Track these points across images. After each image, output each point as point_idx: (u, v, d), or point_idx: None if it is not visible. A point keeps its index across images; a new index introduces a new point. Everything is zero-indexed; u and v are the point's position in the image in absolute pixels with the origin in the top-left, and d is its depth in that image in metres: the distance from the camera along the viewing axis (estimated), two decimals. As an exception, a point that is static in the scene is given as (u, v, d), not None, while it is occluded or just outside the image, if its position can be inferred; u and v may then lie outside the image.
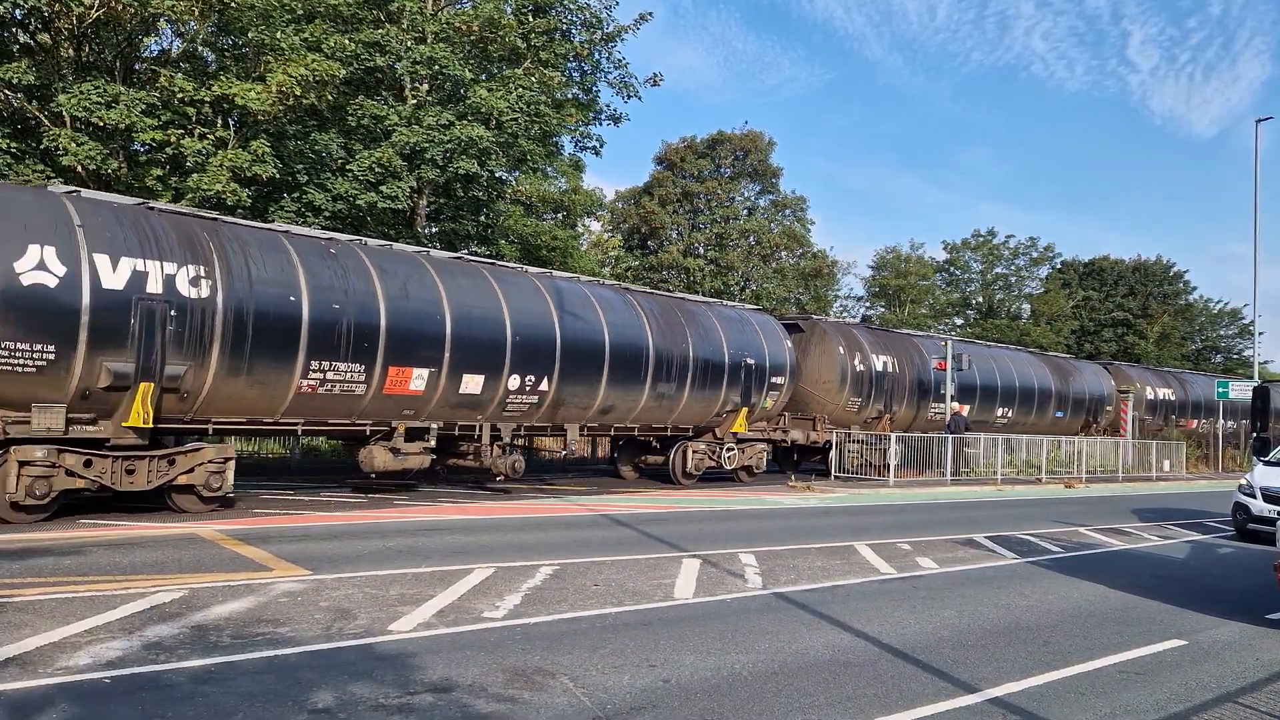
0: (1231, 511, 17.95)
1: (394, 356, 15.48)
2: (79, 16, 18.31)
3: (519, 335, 17.34)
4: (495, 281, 17.73)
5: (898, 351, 27.67)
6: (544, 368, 17.84)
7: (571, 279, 20.88)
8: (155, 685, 5.91)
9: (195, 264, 13.43)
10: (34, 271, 11.97)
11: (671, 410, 20.97)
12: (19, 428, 12.06)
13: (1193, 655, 8.23)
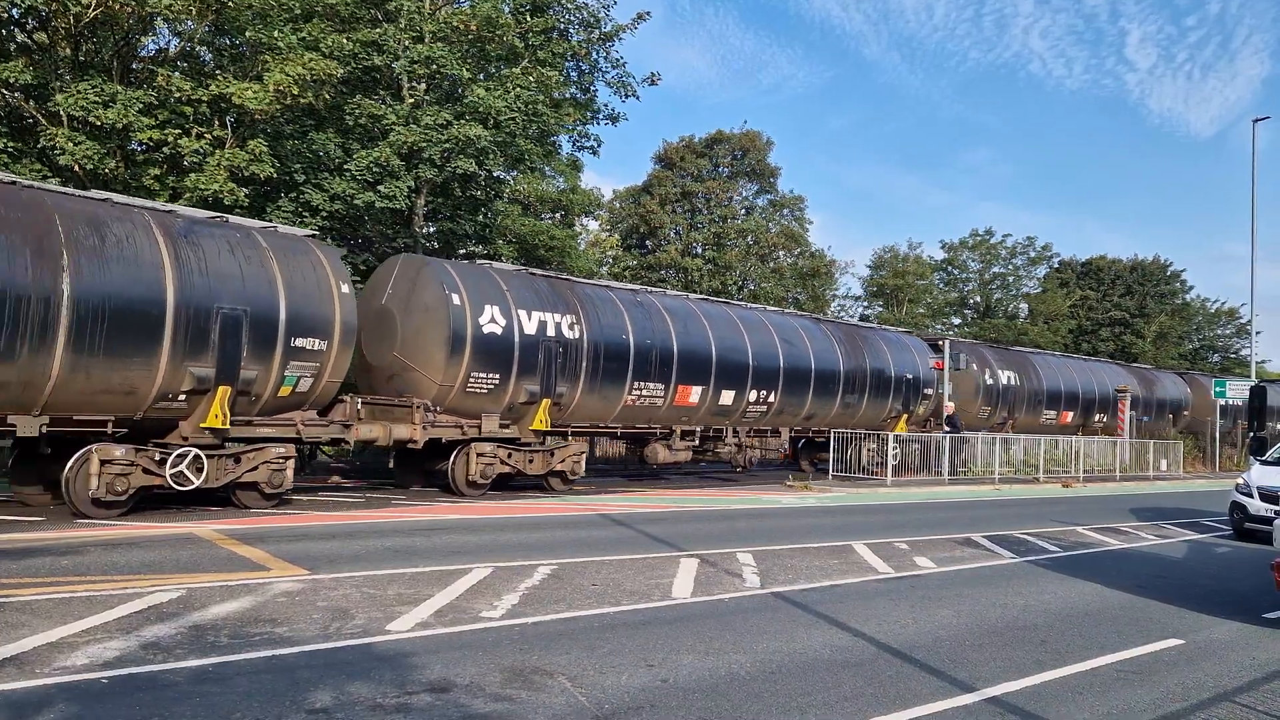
0: (1229, 511, 17.98)
1: (682, 378, 21.05)
2: (76, 16, 18.28)
3: (756, 360, 22.79)
4: (738, 319, 23.51)
5: (1016, 366, 33.01)
6: (770, 384, 23.24)
7: (786, 314, 27.23)
8: (153, 685, 5.91)
9: (570, 314, 19.14)
10: (489, 323, 17.64)
11: (853, 416, 26.01)
12: (473, 430, 17.83)
13: (1190, 654, 8.24)
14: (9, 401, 12.06)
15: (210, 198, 19.26)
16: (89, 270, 12.36)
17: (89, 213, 12.89)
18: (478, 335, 17.36)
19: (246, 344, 13.92)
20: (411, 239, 25.25)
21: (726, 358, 22.03)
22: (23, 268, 11.78)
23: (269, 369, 14.28)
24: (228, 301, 13.73)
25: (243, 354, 13.90)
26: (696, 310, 22.48)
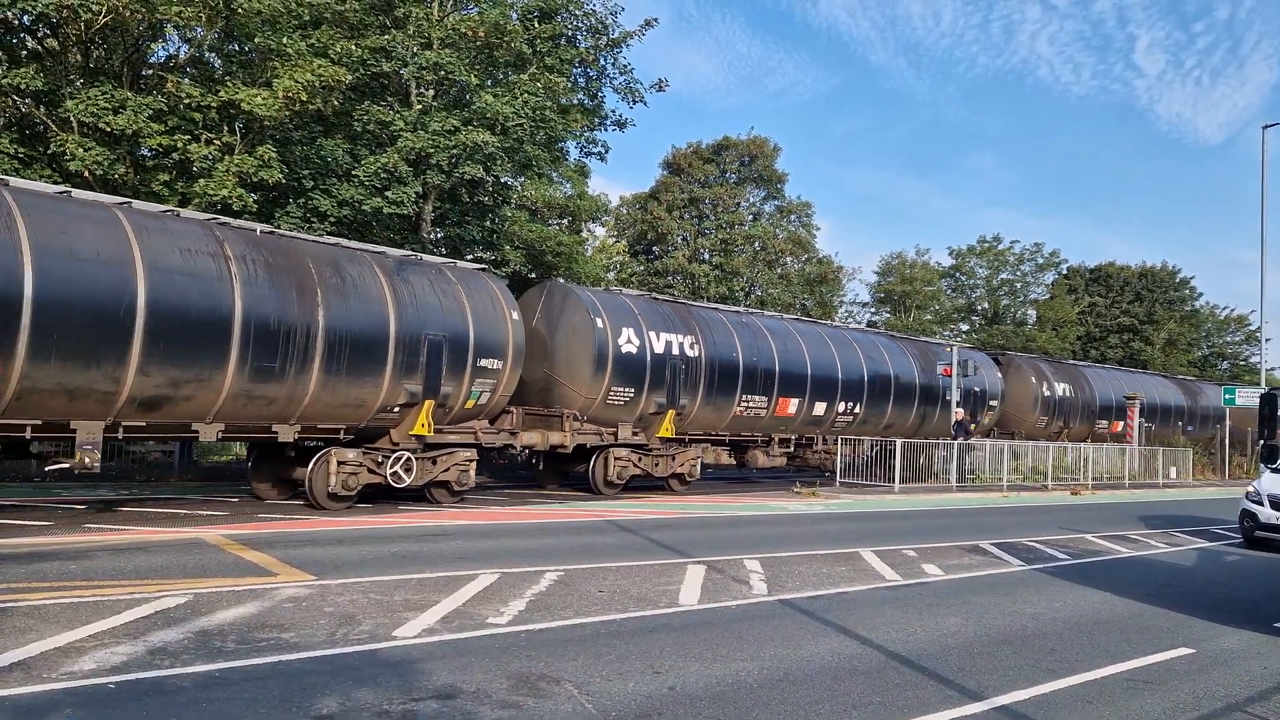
0: (1239, 519, 17.88)
1: (782, 391, 23.50)
2: (87, 23, 18.38)
3: (844, 375, 25.33)
4: (828, 337, 26.00)
5: (1070, 379, 35.46)
6: (857, 397, 25.85)
7: (867, 331, 30.32)
8: (160, 690, 5.91)
9: (690, 334, 21.59)
10: (626, 343, 20.04)
11: (928, 425, 28.66)
12: (610, 437, 20.37)
13: (1200, 664, 8.18)
14: (275, 414, 14.64)
15: (219, 204, 19.33)
16: (335, 305, 14.91)
17: (330, 256, 15.51)
18: (617, 354, 19.86)
19: (445, 365, 16.41)
20: (419, 245, 25.31)
21: (820, 373, 24.61)
22: (291, 304, 14.29)
23: (460, 385, 16.78)
24: (431, 329, 16.23)
25: (442, 373, 16.38)
26: (792, 329, 25.19)
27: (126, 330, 12.46)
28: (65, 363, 12.02)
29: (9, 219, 11.72)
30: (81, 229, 12.43)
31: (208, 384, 13.47)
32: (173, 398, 13.23)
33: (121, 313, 12.40)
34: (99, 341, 12.26)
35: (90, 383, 12.35)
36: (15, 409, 11.96)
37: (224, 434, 14.45)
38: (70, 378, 12.13)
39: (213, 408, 13.82)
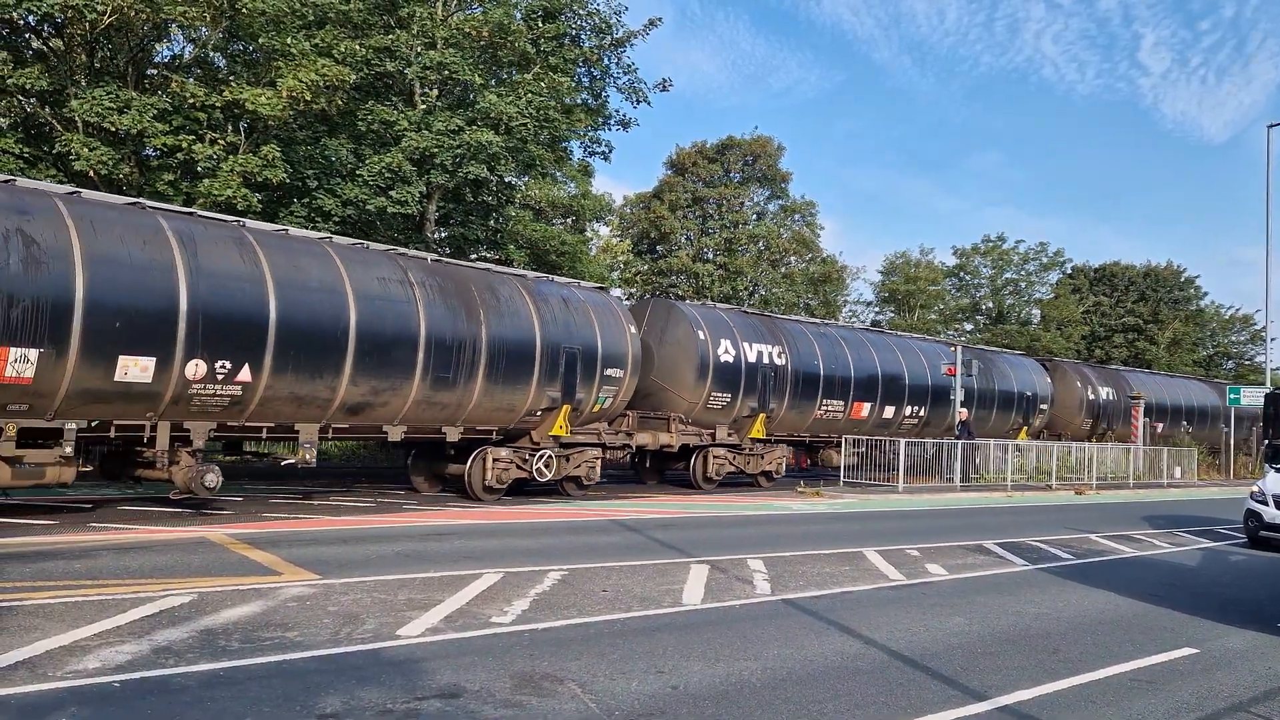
0: (1243, 519, 17.84)
1: (856, 396, 25.54)
2: (91, 23, 18.43)
3: (910, 380, 27.35)
4: (895, 345, 28.19)
5: (1113, 383, 37.66)
6: (922, 401, 27.79)
7: (928, 340, 31.89)
8: (164, 689, 5.93)
9: (778, 344, 23.54)
10: (724, 353, 21.96)
11: (985, 427, 30.26)
12: (708, 438, 22.47)
13: (1204, 664, 8.17)
14: (446, 417, 16.85)
15: (223, 203, 19.37)
16: (494, 323, 17.12)
17: (486, 280, 17.80)
18: (716, 363, 21.84)
19: (579, 374, 18.48)
20: (423, 244, 25.35)
21: (889, 379, 26.63)
22: (461, 323, 16.57)
23: (590, 392, 18.84)
24: (568, 343, 18.34)
25: (576, 381, 18.46)
26: (864, 339, 27.32)
27: (342, 348, 14.76)
28: (297, 375, 14.28)
29: (255, 257, 14.07)
30: (307, 263, 14.75)
31: (398, 392, 15.73)
32: (372, 404, 15.57)
33: (338, 333, 14.72)
34: (322, 358, 14.56)
35: (314, 392, 14.63)
36: (257, 413, 14.28)
37: (406, 434, 16.59)
38: (299, 388, 14.40)
39: (400, 412, 16.10)
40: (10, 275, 11.50)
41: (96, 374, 12.26)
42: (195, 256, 13.23)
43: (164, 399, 13.07)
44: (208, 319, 13.15)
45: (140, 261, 12.64)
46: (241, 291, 13.60)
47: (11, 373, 11.56)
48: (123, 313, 12.39)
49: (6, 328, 11.45)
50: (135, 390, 12.71)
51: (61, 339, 11.89)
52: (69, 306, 11.92)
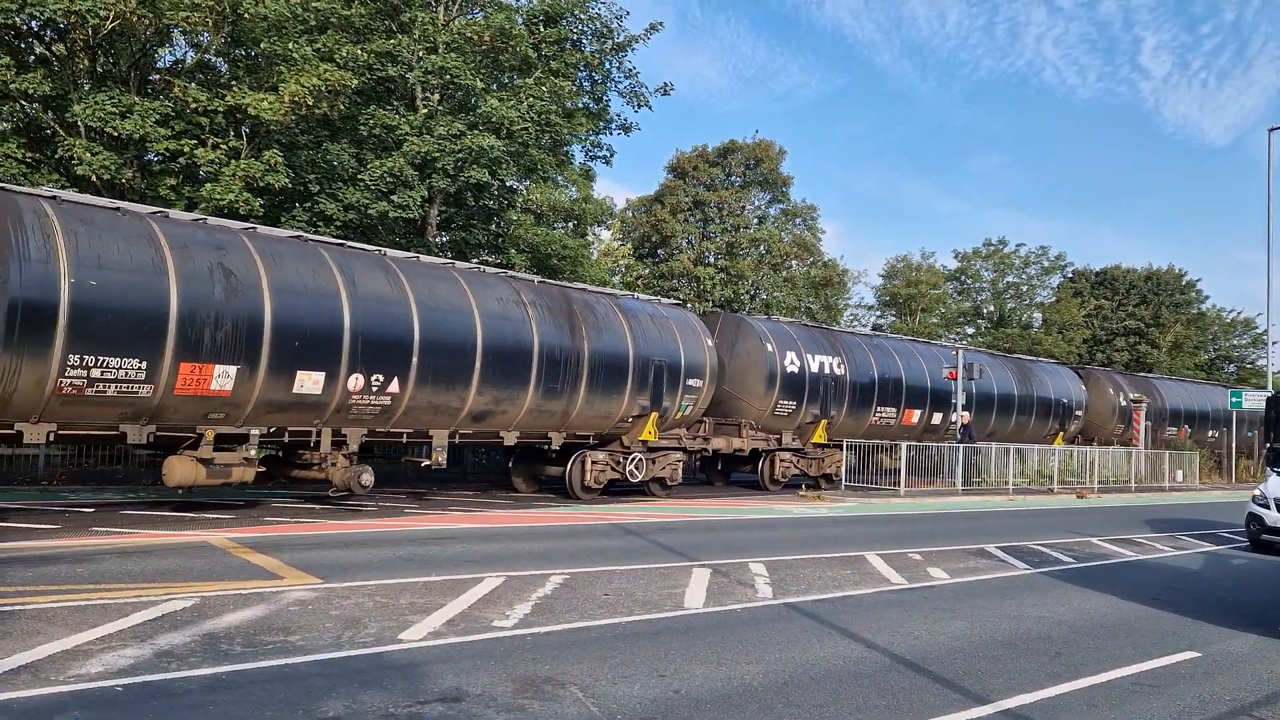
0: (1245, 522, 17.84)
1: (908, 403, 27.23)
2: (94, 28, 18.47)
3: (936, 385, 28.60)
4: (940, 356, 29.57)
5: (1143, 390, 38.94)
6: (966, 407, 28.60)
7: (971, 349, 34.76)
8: (166, 693, 5.93)
9: (837, 356, 25.27)
10: (789, 364, 23.82)
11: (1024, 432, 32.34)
12: (775, 442, 24.22)
13: (1206, 667, 8.17)
14: (552, 424, 18.70)
15: (225, 208, 19.40)
16: (593, 338, 18.89)
17: (584, 299, 19.68)
18: (783, 374, 23.54)
19: (665, 384, 20.18)
20: (425, 248, 25.38)
21: (936, 388, 28.13)
22: (567, 338, 18.43)
23: (675, 400, 20.56)
24: (655, 356, 20.06)
25: (663, 390, 20.19)
26: (914, 350, 29.04)
27: (470, 362, 16.59)
28: (434, 387, 16.09)
29: (399, 283, 15.97)
30: (439, 287, 16.66)
31: (515, 401, 17.57)
32: (494, 412, 17.41)
33: (468, 349, 16.56)
34: (455, 371, 16.41)
35: (447, 401, 16.46)
36: (400, 420, 16.14)
37: (519, 439, 18.44)
38: (436, 398, 16.23)
39: (516, 419, 17.92)
40: (215, 303, 13.42)
41: (279, 387, 14.18)
42: (354, 283, 15.23)
43: (329, 408, 15.02)
44: (365, 338, 15.05)
45: (312, 289, 14.64)
46: (391, 314, 15.57)
47: (215, 386, 13.54)
48: (300, 334, 14.32)
49: (213, 347, 13.38)
50: (307, 401, 14.66)
51: (254, 357, 13.80)
52: (260, 329, 13.85)
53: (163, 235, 13.40)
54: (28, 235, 12.10)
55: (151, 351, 12.82)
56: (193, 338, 13.16)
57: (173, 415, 13.51)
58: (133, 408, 13.05)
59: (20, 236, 12.03)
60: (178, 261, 13.22)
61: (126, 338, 12.61)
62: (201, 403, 13.54)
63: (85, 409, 12.74)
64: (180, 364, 13.09)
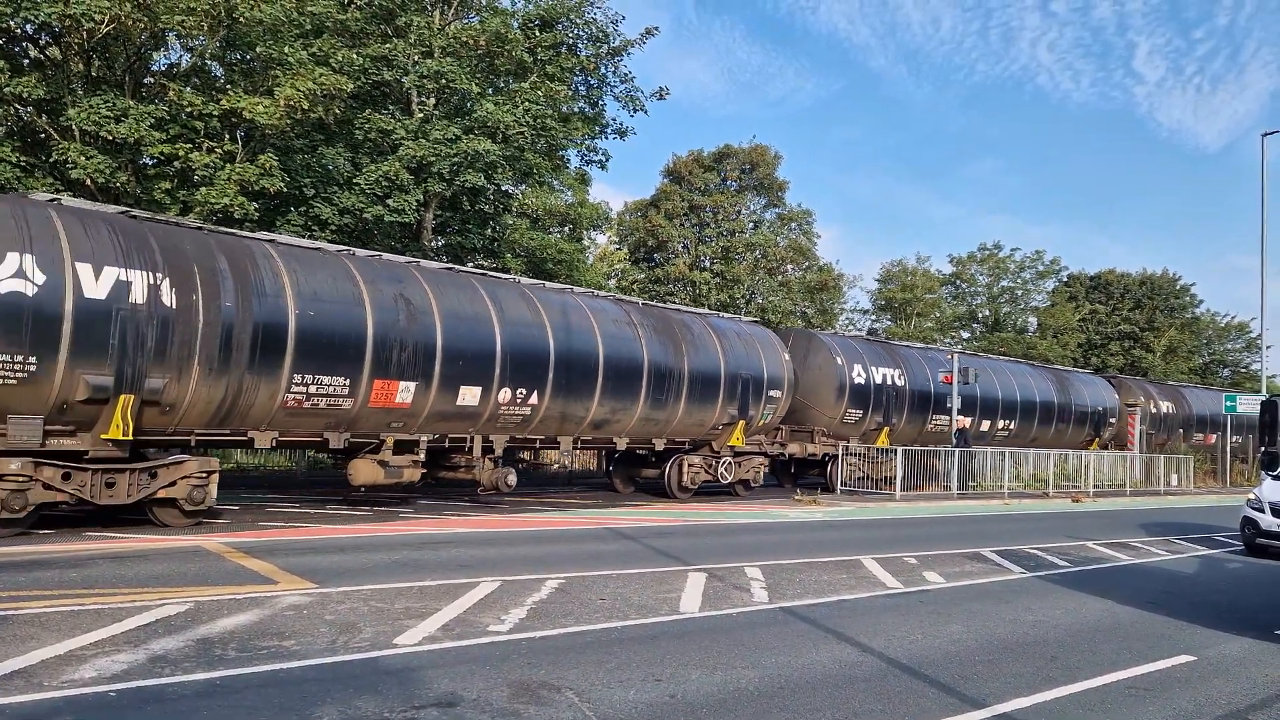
0: (1240, 526, 17.86)
1: (960, 411, 28.54)
2: (89, 31, 18.44)
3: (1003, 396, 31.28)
4: (990, 368, 31.80)
5: (1172, 398, 41.35)
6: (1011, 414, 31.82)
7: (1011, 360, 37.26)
8: (160, 698, 5.91)
9: (897, 368, 27.45)
10: (856, 376, 25.84)
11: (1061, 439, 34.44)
12: (842, 448, 25.66)
13: (1202, 671, 8.17)
14: (656, 431, 20.79)
15: (220, 211, 19.37)
16: (690, 354, 21.08)
17: (680, 318, 21.99)
18: (851, 385, 25.67)
19: (750, 394, 22.27)
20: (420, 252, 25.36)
21: (985, 396, 30.58)
22: (670, 355, 20.59)
23: (759, 409, 22.65)
24: (742, 369, 22.14)
25: (749, 401, 22.29)
26: (985, 362, 32.23)
27: (594, 376, 18.78)
28: (565, 399, 18.32)
29: (536, 308, 18.24)
30: (568, 310, 19.01)
31: (628, 411, 19.78)
32: (610, 421, 19.62)
33: (592, 364, 18.78)
34: (581, 384, 18.59)
35: (574, 411, 18.68)
36: (536, 428, 18.36)
37: (629, 445, 20.61)
38: (566, 408, 18.46)
39: (628, 427, 20.12)
40: (400, 328, 15.60)
41: (446, 400, 16.43)
42: (502, 310, 17.48)
43: (482, 418, 17.23)
44: (513, 357, 17.29)
45: (470, 315, 16.91)
46: (531, 336, 17.80)
47: (399, 399, 15.75)
48: (463, 354, 16.54)
49: (398, 366, 15.59)
50: (466, 411, 16.87)
51: (428, 375, 16.02)
52: (433, 350, 16.06)
53: (356, 270, 15.63)
54: (262, 273, 14.21)
55: (353, 370, 15.03)
56: (383, 359, 15.36)
57: (364, 424, 15.71)
58: (335, 418, 15.23)
59: (257, 275, 14.13)
60: (370, 293, 15.43)
61: (335, 359, 14.82)
62: (386, 414, 15.78)
63: (301, 419, 14.90)
64: (374, 381, 15.31)
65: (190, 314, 13.25)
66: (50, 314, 12.00)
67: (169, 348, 13.04)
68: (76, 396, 12.34)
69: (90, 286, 12.36)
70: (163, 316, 12.97)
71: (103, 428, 12.72)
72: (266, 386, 14.06)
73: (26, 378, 11.95)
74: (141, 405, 12.94)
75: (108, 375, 12.49)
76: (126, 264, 12.77)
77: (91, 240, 12.58)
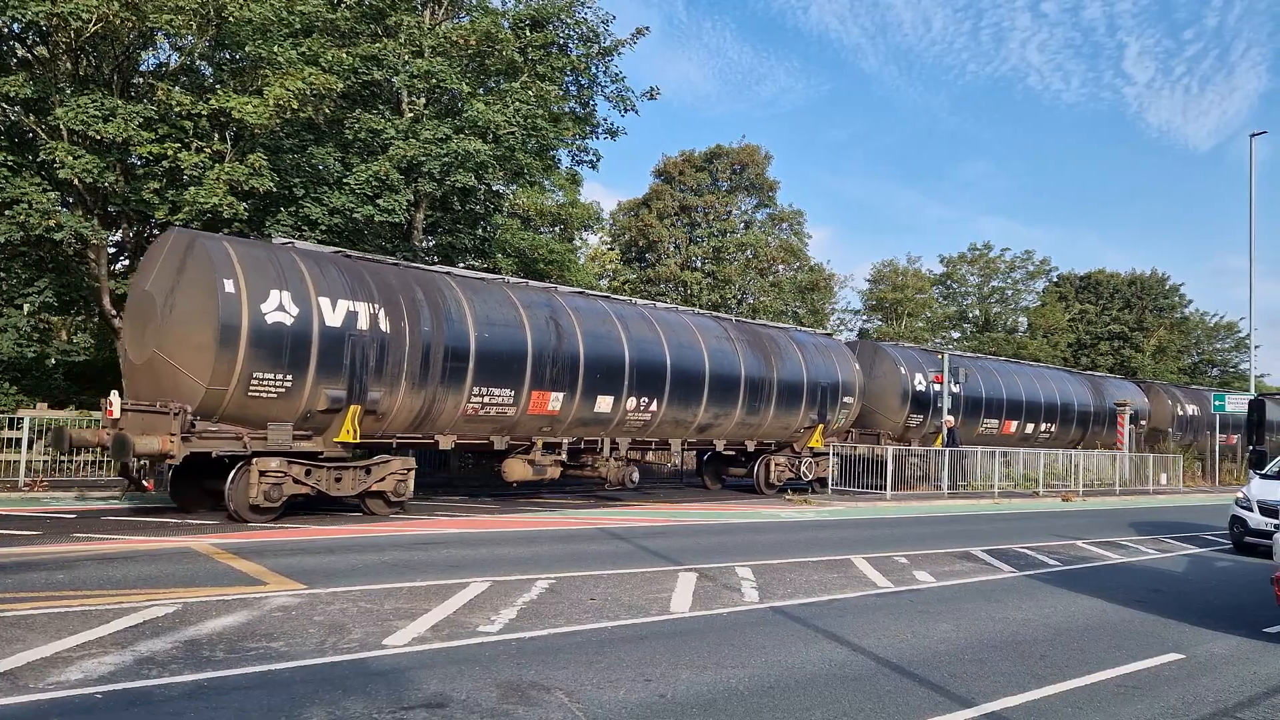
0: (1228, 525, 17.95)
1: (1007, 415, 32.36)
2: (77, 30, 18.34)
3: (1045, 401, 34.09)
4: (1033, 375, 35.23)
5: (1197, 401, 43.45)
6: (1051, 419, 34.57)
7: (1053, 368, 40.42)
8: (146, 700, 5.88)
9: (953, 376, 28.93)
10: (918, 384, 28.64)
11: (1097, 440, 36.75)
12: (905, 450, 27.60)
13: (1190, 669, 8.20)
14: (748, 434, 23.29)
15: (209, 211, 19.28)
16: (778, 365, 23.59)
17: (768, 333, 24.67)
18: (914, 391, 28.47)
19: (828, 401, 24.75)
20: (410, 253, 25.28)
21: (1029, 402, 33.35)
22: (763, 367, 23.12)
23: (835, 414, 25.09)
24: (821, 378, 24.63)
25: (827, 406, 24.75)
26: (1012, 369, 34.82)
27: (700, 385, 21.35)
28: (677, 406, 20.88)
29: (654, 328, 20.90)
30: (679, 330, 21.60)
31: (728, 416, 22.30)
32: (712, 425, 22.11)
33: (699, 376, 21.32)
34: (690, 394, 21.15)
35: (684, 417, 21.26)
36: (653, 432, 20.85)
37: (725, 446, 23.03)
38: (678, 414, 21.06)
39: (727, 431, 22.60)
40: (551, 347, 18.22)
41: (585, 407, 18.94)
42: (628, 329, 20.09)
43: (613, 423, 19.77)
44: (638, 370, 19.84)
45: (604, 334, 19.47)
46: (651, 352, 20.31)
47: (550, 408, 18.33)
48: (600, 368, 19.09)
49: (550, 379, 18.16)
50: (600, 417, 19.40)
51: (573, 386, 18.55)
52: (577, 365, 18.64)
53: (514, 297, 18.34)
54: (448, 302, 16.86)
55: (516, 383, 17.57)
56: (539, 373, 17.90)
57: (521, 429, 18.25)
58: (500, 424, 17.84)
59: (444, 303, 16.77)
60: (528, 317, 18.05)
61: (503, 374, 17.35)
62: (539, 420, 18.32)
63: (475, 425, 17.47)
64: (532, 392, 17.86)
65: (400, 338, 15.86)
66: (302, 339, 14.59)
67: (384, 366, 15.65)
68: (318, 407, 14.97)
69: (329, 316, 15.01)
70: (380, 340, 15.57)
71: (334, 433, 15.34)
72: (453, 398, 16.67)
73: (285, 392, 14.56)
74: (363, 414, 15.48)
75: (342, 389, 15.10)
76: (353, 297, 15.44)
77: (326, 278, 15.24)
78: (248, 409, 14.33)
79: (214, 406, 14.11)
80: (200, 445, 14.07)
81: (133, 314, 15.28)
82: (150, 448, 13.54)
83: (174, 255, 14.56)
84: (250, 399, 14.23)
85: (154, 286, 14.57)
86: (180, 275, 14.30)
